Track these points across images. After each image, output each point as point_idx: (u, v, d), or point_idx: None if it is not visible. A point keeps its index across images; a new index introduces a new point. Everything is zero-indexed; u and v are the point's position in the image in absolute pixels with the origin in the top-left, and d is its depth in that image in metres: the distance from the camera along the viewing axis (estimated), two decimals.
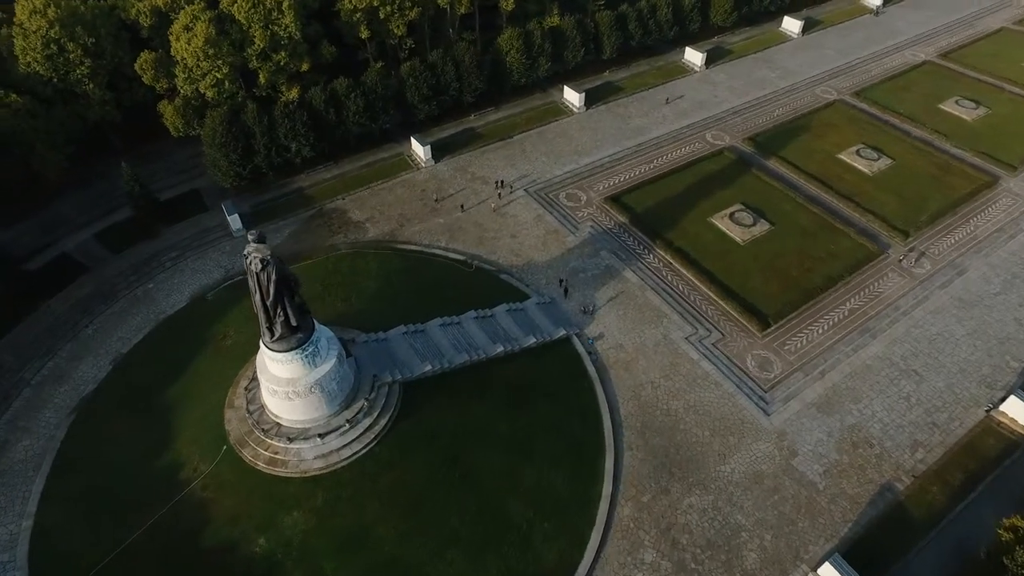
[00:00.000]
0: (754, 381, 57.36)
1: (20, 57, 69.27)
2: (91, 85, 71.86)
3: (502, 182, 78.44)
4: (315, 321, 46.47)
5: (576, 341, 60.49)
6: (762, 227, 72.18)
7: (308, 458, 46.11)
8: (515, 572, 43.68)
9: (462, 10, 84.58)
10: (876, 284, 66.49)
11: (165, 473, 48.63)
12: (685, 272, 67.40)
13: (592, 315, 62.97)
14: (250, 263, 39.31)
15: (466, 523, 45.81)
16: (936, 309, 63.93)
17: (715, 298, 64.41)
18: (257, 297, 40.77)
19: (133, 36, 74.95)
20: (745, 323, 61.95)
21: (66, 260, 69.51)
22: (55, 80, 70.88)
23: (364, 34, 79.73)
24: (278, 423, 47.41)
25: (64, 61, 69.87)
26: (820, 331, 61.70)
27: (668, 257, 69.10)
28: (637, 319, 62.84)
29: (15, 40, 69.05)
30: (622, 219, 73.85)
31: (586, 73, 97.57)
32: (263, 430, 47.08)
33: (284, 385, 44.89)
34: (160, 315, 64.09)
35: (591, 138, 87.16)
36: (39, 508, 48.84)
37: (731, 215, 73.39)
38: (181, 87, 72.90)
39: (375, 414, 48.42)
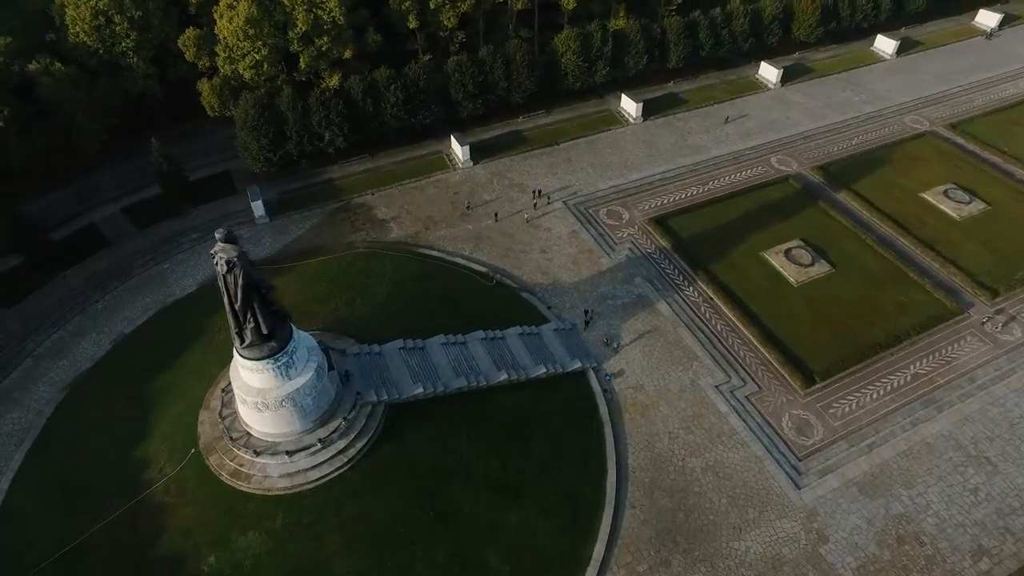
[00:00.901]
0: (788, 446, 50.11)
1: (69, 27, 69.20)
2: (135, 59, 71.11)
3: (540, 192, 73.28)
4: (294, 329, 42.79)
5: (592, 376, 54.77)
6: (821, 268, 64.11)
7: (273, 475, 42.56)
8: None
9: (519, 5, 79.75)
10: (950, 348, 57.48)
11: (133, 470, 46.15)
12: (726, 310, 60.39)
13: (615, 348, 57.04)
14: (216, 264, 35.87)
15: (433, 571, 41.16)
16: (1023, 387, 54.58)
17: (756, 344, 57.20)
18: (226, 300, 37.31)
19: (182, 11, 73.93)
20: (787, 376, 54.56)
21: (91, 232, 69.10)
22: (101, 52, 70.51)
23: (413, 24, 76.20)
24: (248, 432, 44.10)
25: (111, 33, 69.29)
26: (875, 396, 53.59)
27: (709, 291, 62.20)
28: (664, 358, 56.47)
29: (67, 10, 69.03)
30: (664, 244, 67.34)
31: (648, 82, 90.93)
32: (232, 438, 43.88)
33: (254, 395, 41.44)
34: (168, 298, 62.44)
35: (644, 152, 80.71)
36: (9, 489, 47.39)
37: (787, 251, 65.61)
38: (221, 67, 71.34)
39: (352, 436, 44.38)
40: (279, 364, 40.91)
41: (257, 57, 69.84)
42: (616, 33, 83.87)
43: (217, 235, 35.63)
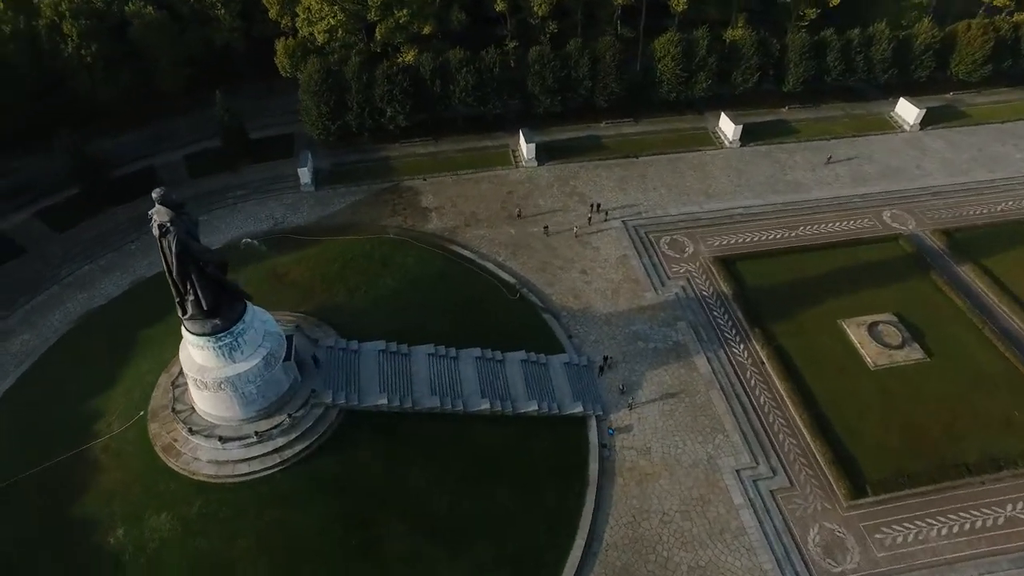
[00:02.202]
0: (808, 566, 40.22)
1: None
2: (223, 11, 71.56)
3: (599, 206, 65.84)
4: (251, 309, 39.19)
5: (592, 426, 47.33)
6: (912, 353, 52.10)
7: (202, 459, 39.33)
8: None
9: (621, 0, 72.22)
10: None
11: (89, 418, 44.82)
12: (777, 381, 50.42)
13: (629, 400, 49.13)
14: (151, 226, 32.73)
15: None
16: None
17: (802, 428, 47.11)
18: (164, 266, 34.20)
19: None
20: (830, 478, 44.25)
21: (148, 174, 70.29)
22: (192, 1, 71.55)
23: (500, 6, 71.06)
24: (192, 408, 41.18)
25: None
26: (943, 532, 42.07)
27: (763, 354, 52.33)
28: (685, 423, 47.82)
29: None
30: (725, 288, 57.85)
31: (756, 104, 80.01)
32: (174, 409, 41.21)
33: (194, 371, 38.33)
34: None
35: (731, 181, 70.68)
36: None
37: (872, 325, 54.01)
38: (300, 28, 70.05)
39: (293, 435, 40.24)
40: (221, 344, 37.41)
41: (332, 22, 67.78)
42: (726, 43, 74.05)
43: (153, 195, 32.47)
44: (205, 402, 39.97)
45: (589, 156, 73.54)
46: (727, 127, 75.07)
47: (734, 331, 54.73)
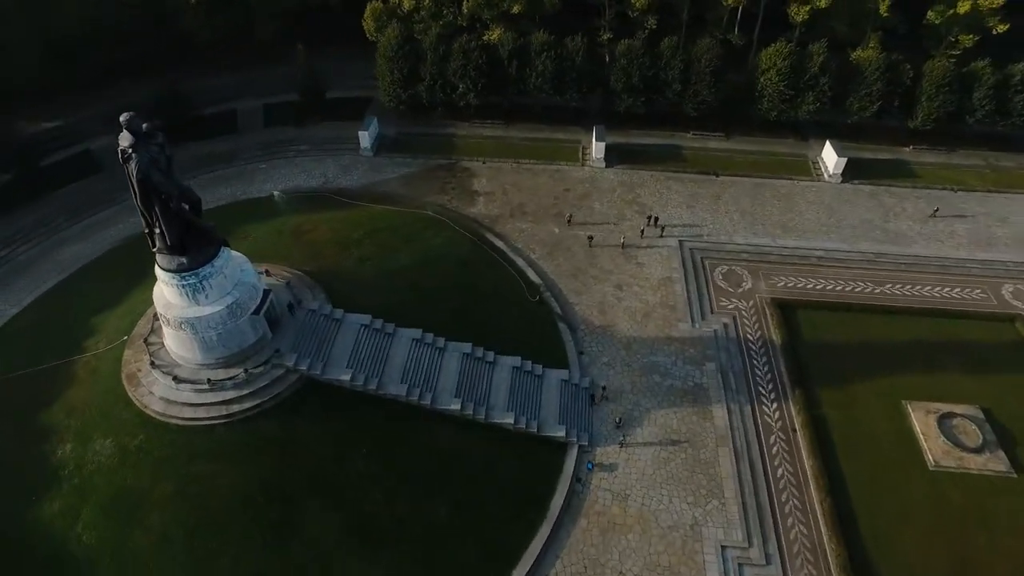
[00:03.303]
0: None
1: None
2: None
3: (656, 219, 59.60)
4: (228, 254, 37.96)
5: (571, 455, 42.27)
6: (993, 462, 42.14)
7: (155, 394, 38.68)
8: None
9: (730, 1, 64.79)
10: None
11: (84, 334, 46.08)
12: (804, 454, 42.67)
13: (622, 437, 43.44)
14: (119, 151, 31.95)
15: (225, 574, 34.27)
16: None
17: (819, 517, 39.37)
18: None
19: None
20: None
21: (229, 118, 72.84)
22: None
23: None
24: (163, 342, 40.75)
25: None
26: None
27: (797, 420, 44.50)
28: (679, 476, 41.51)
29: None
30: (775, 335, 50.10)
31: (874, 137, 69.37)
32: (147, 341, 41.00)
33: (161, 306, 37.73)
34: (242, 195, 63.07)
35: (819, 218, 61.53)
36: (26, 305, 51.64)
37: (947, 416, 44.38)
38: None
39: (245, 391, 38.56)
40: (185, 284, 36.39)
41: None
42: (846, 63, 64.54)
43: (121, 119, 31.49)
44: (170, 339, 39.36)
45: (663, 166, 67.06)
46: (829, 158, 65.56)
47: (771, 386, 47.10)
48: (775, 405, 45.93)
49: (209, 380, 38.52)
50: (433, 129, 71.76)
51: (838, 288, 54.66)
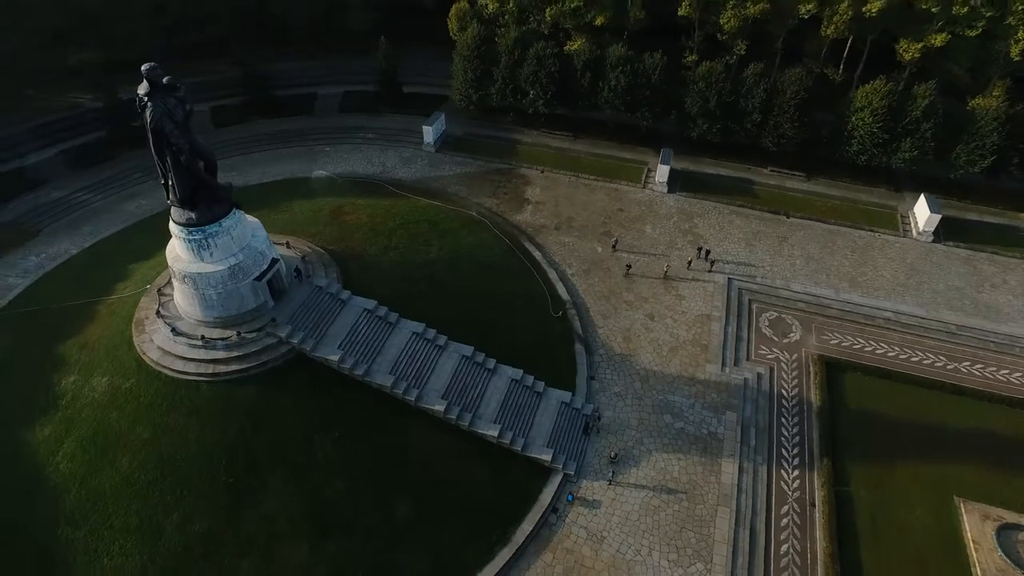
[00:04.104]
0: None
1: None
2: None
3: (708, 252, 55.37)
4: (238, 216, 38.39)
5: (552, 483, 39.42)
6: None
7: (154, 342, 39.64)
8: None
9: (830, 31, 59.48)
10: None
11: (117, 278, 48.51)
12: (819, 535, 37.47)
13: (612, 473, 40.01)
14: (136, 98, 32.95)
15: (183, 533, 33.97)
16: None
17: None
18: None
19: None
20: None
21: (308, 100, 75.63)
22: None
23: (685, 11, 62.90)
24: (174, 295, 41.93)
25: None
26: None
27: (819, 494, 39.29)
28: (666, 529, 37.53)
29: None
30: (814, 396, 44.73)
31: (980, 196, 61.29)
32: (161, 291, 42.30)
33: (171, 257, 38.82)
34: (299, 173, 64.84)
35: (896, 276, 54.80)
36: (85, 248, 55.69)
37: (1008, 527, 37.57)
38: None
39: (234, 353, 38.73)
40: (191, 239, 37.16)
41: None
42: (957, 110, 57.48)
43: (143, 68, 32.38)
44: (177, 292, 40.38)
45: (729, 199, 62.43)
46: (922, 213, 58.46)
47: (796, 450, 41.92)
48: (796, 472, 40.74)
49: (203, 337, 39.05)
50: (500, 133, 71.01)
51: (901, 356, 48.18)
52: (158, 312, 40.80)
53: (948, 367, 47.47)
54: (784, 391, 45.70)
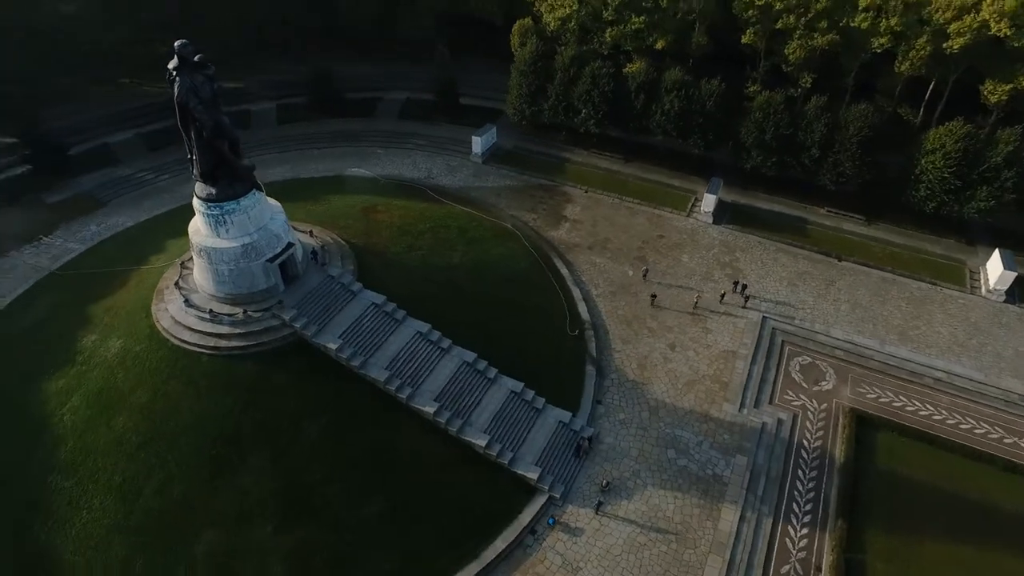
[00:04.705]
0: None
1: None
2: None
3: (744, 287, 52.40)
4: (257, 196, 39.49)
5: (535, 504, 37.66)
6: None
7: (169, 311, 40.99)
8: None
9: (904, 67, 55.65)
10: None
11: (155, 250, 51.01)
12: None
13: (599, 501, 37.81)
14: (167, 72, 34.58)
15: (162, 495, 34.54)
16: None
17: None
18: None
19: None
20: None
21: (371, 104, 78.07)
22: None
23: (748, 39, 60.68)
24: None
25: None
26: None
27: (828, 559, 35.60)
28: (648, 571, 35.04)
29: None
30: (839, 451, 40.97)
31: None
32: (184, 265, 43.89)
33: (192, 230, 40.35)
34: (346, 171, 66.47)
35: (954, 335, 49.80)
36: (140, 222, 59.02)
37: None
38: (543, 13, 69.75)
39: (237, 330, 39.48)
40: (209, 214, 38.49)
41: (567, 11, 66.08)
42: None
43: (175, 44, 33.97)
44: (195, 266, 41.79)
45: (778, 235, 59.02)
46: (995, 269, 53.10)
47: (808, 507, 38.31)
48: (804, 531, 37.14)
49: (211, 311, 40.12)
50: (550, 150, 70.61)
51: (949, 422, 43.45)
52: (176, 283, 42.35)
53: (1004, 440, 42.35)
54: (806, 441, 42.07)
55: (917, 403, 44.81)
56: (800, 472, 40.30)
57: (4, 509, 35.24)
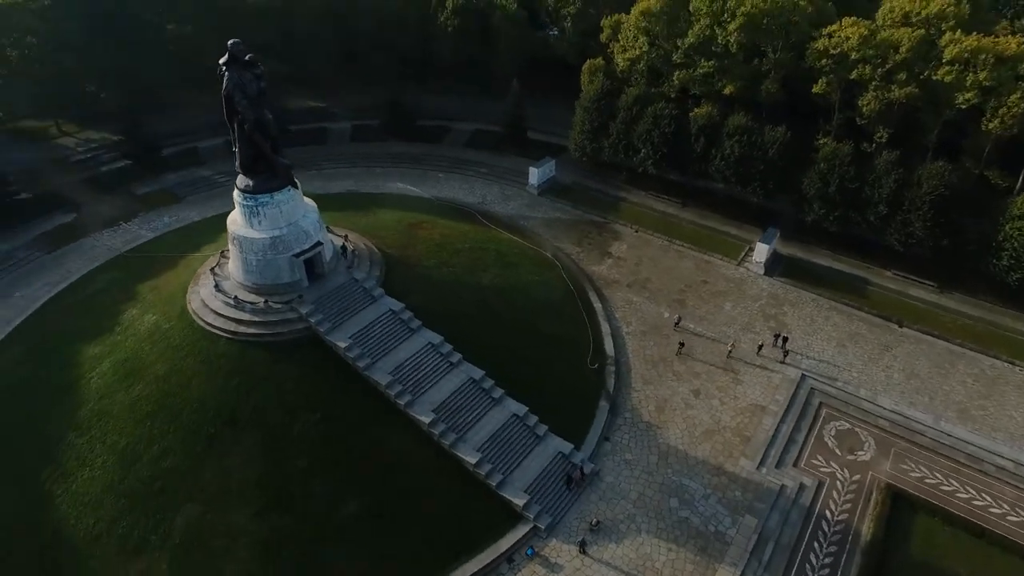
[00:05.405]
0: None
1: None
2: (569, 24, 77.14)
3: (784, 340, 49.00)
4: (293, 193, 41.49)
5: (520, 532, 35.97)
6: None
7: (200, 294, 43.27)
8: None
9: (994, 125, 51.23)
10: None
11: (208, 240, 54.42)
12: None
13: (583, 539, 35.60)
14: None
15: (155, 464, 35.85)
16: None
17: None
18: None
19: None
20: None
21: (441, 131, 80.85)
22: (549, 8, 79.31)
23: (820, 88, 58.10)
24: None
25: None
26: None
27: None
28: None
29: None
30: (867, 528, 36.77)
31: None
32: (223, 254, 46.40)
33: (229, 219, 42.89)
34: (405, 191, 68.75)
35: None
36: (207, 217, 63.03)
37: None
38: (615, 54, 70.33)
39: (256, 319, 41.01)
40: (245, 204, 40.78)
41: (635, 52, 66.37)
42: None
43: (228, 43, 36.67)
44: (230, 253, 44.08)
45: (833, 293, 54.98)
46: None
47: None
48: None
49: (236, 298, 42.05)
50: (607, 188, 70.08)
51: (1010, 518, 38.00)
52: (212, 270, 44.79)
53: None
54: (829, 512, 38.02)
55: (972, 491, 39.61)
56: (817, 544, 36.32)
57: (21, 455, 37.70)
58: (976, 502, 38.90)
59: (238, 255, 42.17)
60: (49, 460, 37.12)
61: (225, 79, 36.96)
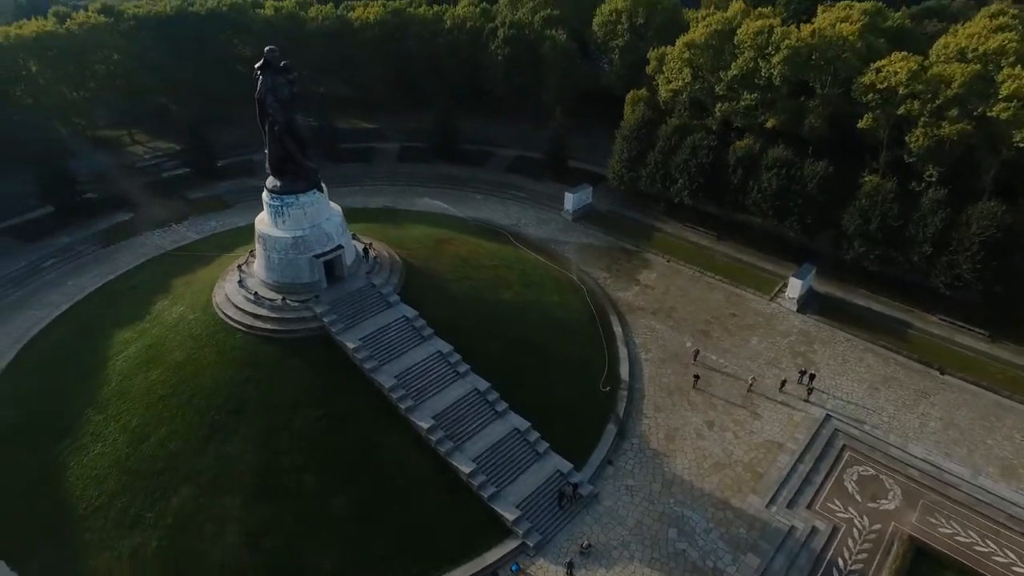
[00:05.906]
0: None
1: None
2: (617, 56, 77.98)
3: (811, 377, 46.61)
4: (318, 196, 43.06)
5: (507, 547, 35.16)
6: None
7: (226, 289, 44.92)
8: None
9: None
10: None
11: (243, 241, 56.23)
12: None
13: (575, 564, 34.40)
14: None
15: (162, 445, 36.98)
16: None
17: None
18: None
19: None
20: None
21: (483, 156, 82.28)
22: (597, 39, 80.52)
23: (866, 123, 56.21)
24: None
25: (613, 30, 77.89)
26: None
27: None
28: None
29: None
30: None
31: None
32: (251, 253, 48.11)
33: (257, 218, 44.72)
34: (440, 211, 69.92)
35: None
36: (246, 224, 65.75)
37: None
38: (660, 85, 70.44)
39: (273, 315, 42.24)
40: (271, 204, 42.52)
41: (679, 84, 66.29)
42: None
43: (265, 49, 38.79)
44: (256, 251, 45.82)
45: (869, 335, 52.08)
46: None
47: None
48: None
49: (256, 294, 43.49)
50: (643, 218, 69.36)
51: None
52: (239, 266, 46.63)
53: None
54: (841, 560, 35.41)
55: (1011, 554, 36.14)
56: None
57: (45, 426, 39.69)
58: (1017, 568, 35.41)
59: (262, 253, 43.86)
60: (67, 433, 38.95)
61: (259, 83, 39.10)
